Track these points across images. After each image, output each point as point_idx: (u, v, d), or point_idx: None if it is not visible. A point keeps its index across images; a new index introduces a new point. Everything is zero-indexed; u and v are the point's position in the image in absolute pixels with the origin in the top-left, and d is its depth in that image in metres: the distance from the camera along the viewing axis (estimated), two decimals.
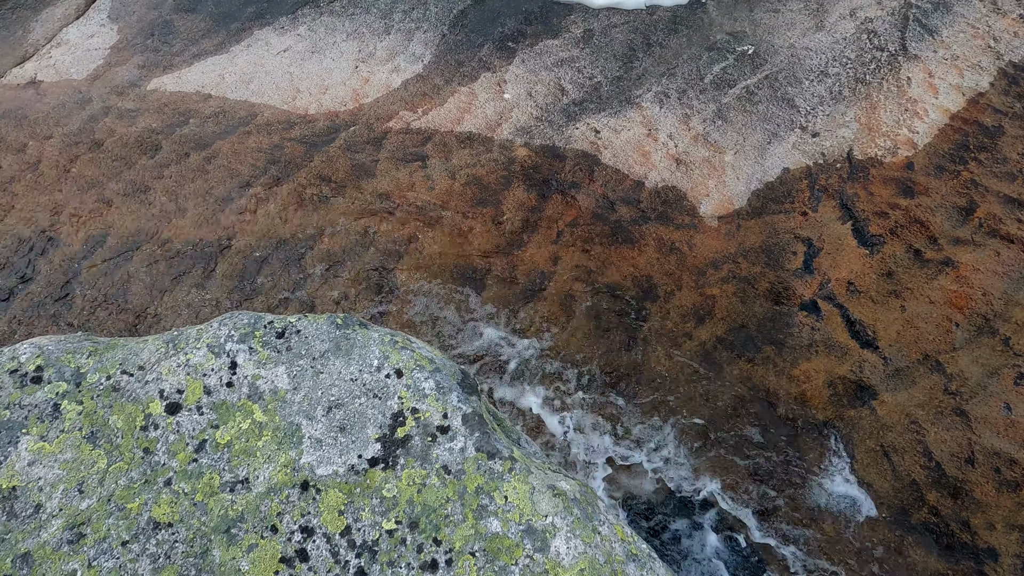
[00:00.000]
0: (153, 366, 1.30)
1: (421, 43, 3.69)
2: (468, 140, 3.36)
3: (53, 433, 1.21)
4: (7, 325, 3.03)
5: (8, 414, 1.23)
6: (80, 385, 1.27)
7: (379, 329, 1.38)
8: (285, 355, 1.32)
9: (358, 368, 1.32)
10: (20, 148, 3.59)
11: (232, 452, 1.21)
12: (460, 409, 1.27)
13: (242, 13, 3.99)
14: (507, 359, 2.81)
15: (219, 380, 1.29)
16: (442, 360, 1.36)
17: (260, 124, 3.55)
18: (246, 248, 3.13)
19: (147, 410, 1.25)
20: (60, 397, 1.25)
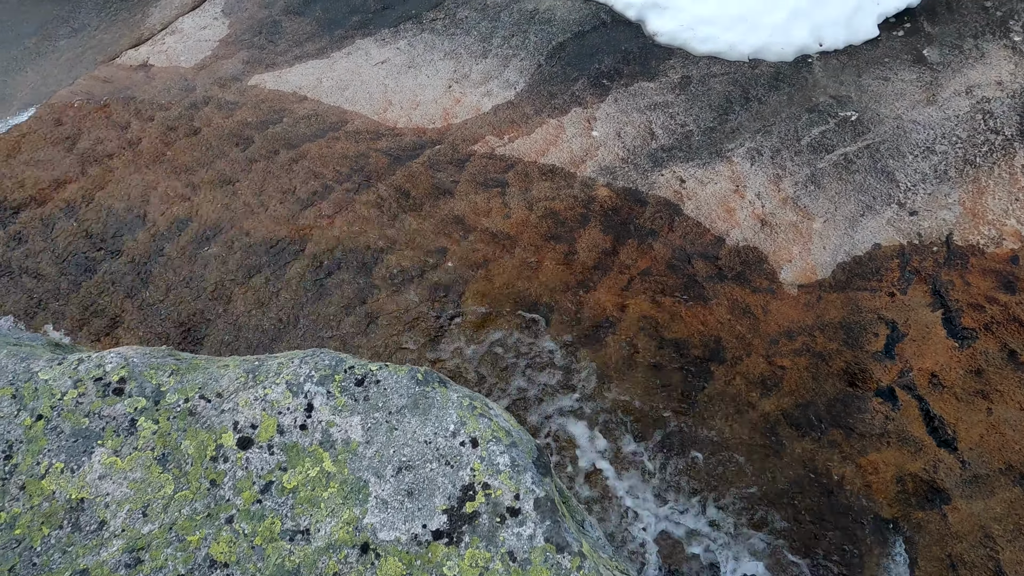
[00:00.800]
0: (231, 395, 1.32)
1: (516, 70, 3.74)
2: (550, 173, 3.37)
3: (126, 449, 1.25)
4: (89, 294, 3.19)
5: (87, 423, 1.27)
6: (159, 404, 1.30)
7: (458, 389, 1.38)
8: (362, 405, 1.33)
9: (433, 430, 1.32)
10: (124, 126, 3.81)
11: (297, 499, 1.22)
12: (533, 492, 1.25)
13: (347, 21, 4.14)
14: (562, 399, 2.78)
15: (293, 421, 1.31)
16: (519, 433, 1.35)
17: (349, 131, 3.65)
18: (320, 252, 3.22)
19: (219, 440, 1.28)
20: (138, 413, 1.28)
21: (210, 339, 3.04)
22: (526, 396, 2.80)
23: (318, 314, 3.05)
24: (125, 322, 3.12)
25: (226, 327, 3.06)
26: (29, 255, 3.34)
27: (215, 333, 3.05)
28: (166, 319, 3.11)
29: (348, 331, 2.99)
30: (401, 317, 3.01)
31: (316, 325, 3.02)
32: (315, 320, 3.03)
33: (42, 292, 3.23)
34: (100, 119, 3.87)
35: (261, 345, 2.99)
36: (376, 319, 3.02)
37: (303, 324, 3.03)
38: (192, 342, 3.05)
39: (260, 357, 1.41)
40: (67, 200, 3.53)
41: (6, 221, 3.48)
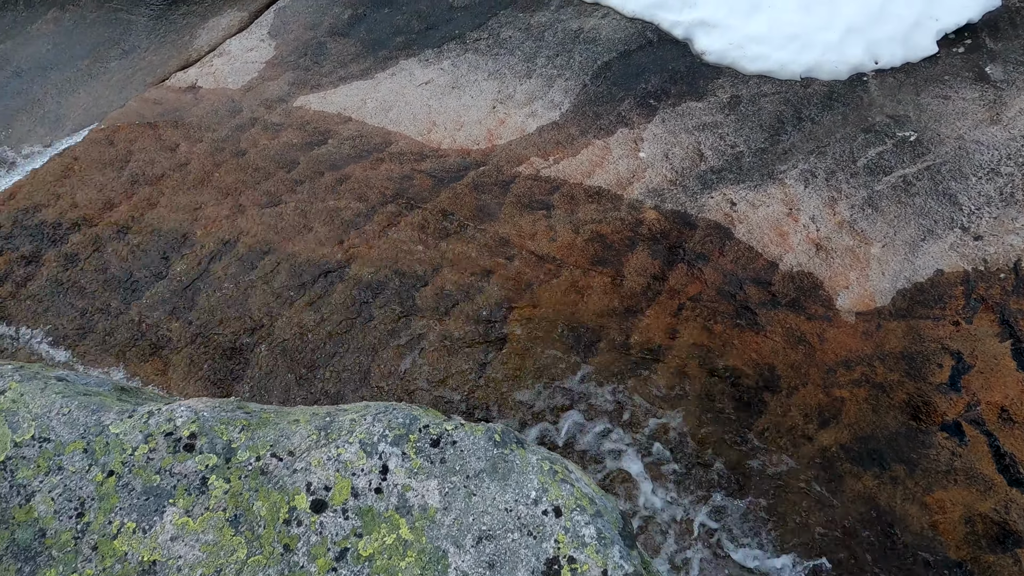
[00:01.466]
0: (303, 454, 1.31)
1: (561, 91, 3.74)
2: (597, 195, 3.35)
3: (198, 509, 1.23)
4: (137, 314, 3.26)
5: (158, 480, 1.26)
6: (229, 461, 1.29)
7: (537, 451, 1.36)
8: (438, 468, 1.31)
9: (514, 497, 1.29)
10: (173, 148, 3.90)
11: (373, 568, 1.19)
12: (622, 567, 1.21)
13: (391, 42, 4.19)
14: (608, 427, 2.74)
15: (368, 483, 1.29)
16: (603, 501, 1.32)
17: (393, 152, 3.69)
18: (364, 274, 3.24)
19: (292, 502, 1.26)
20: (209, 471, 1.27)
21: (255, 362, 3.07)
22: (573, 425, 2.76)
23: (363, 338, 3.07)
24: (172, 343, 3.17)
25: (271, 350, 3.09)
26: (80, 275, 3.43)
27: (260, 356, 3.08)
28: (211, 341, 3.15)
29: (392, 356, 3.00)
30: (446, 342, 3.01)
31: (361, 349, 3.03)
32: (360, 344, 3.05)
33: (92, 312, 3.31)
34: (150, 141, 3.97)
35: (306, 369, 3.01)
36: (421, 343, 3.02)
37: (348, 347, 3.05)
38: (237, 365, 3.08)
39: (331, 411, 1.40)
40: (117, 221, 3.63)
41: (59, 241, 3.58)
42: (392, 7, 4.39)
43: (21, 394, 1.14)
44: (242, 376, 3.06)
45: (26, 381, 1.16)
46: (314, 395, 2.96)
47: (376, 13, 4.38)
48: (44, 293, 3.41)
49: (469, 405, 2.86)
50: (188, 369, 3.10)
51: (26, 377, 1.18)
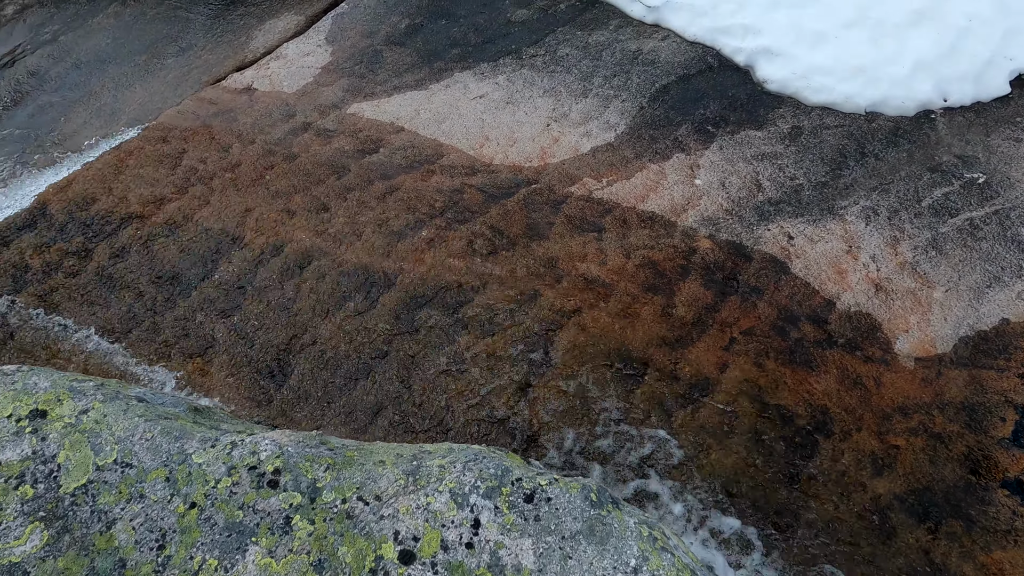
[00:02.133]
0: (390, 500, 1.27)
1: (617, 112, 3.72)
2: (649, 220, 3.32)
3: (281, 550, 1.19)
4: (183, 313, 3.30)
5: (241, 515, 1.22)
6: (314, 501, 1.24)
7: (634, 513, 1.32)
8: (532, 526, 1.27)
9: (612, 563, 1.24)
10: (226, 148, 3.96)
11: None
12: None
13: (447, 53, 4.22)
14: (654, 462, 2.70)
15: (459, 537, 1.25)
16: (703, 573, 1.27)
17: (444, 165, 3.70)
18: (410, 285, 3.24)
19: (379, 551, 1.22)
20: (293, 510, 1.23)
21: (298, 368, 3.08)
22: (615, 456, 2.72)
23: (406, 350, 3.06)
24: (217, 345, 3.20)
25: (315, 357, 3.10)
26: (129, 271, 3.48)
27: (304, 363, 3.09)
28: (256, 345, 3.18)
29: (434, 371, 2.99)
30: (490, 360, 2.99)
31: (403, 362, 3.03)
32: (402, 357, 3.04)
33: (139, 309, 3.35)
34: (204, 140, 4.03)
35: (347, 378, 3.01)
36: (465, 361, 3.01)
37: (391, 360, 3.05)
38: (279, 370, 3.10)
39: (416, 453, 1.37)
40: (168, 218, 3.68)
41: (110, 235, 3.65)
42: (450, 19, 4.43)
43: (104, 415, 1.14)
44: (283, 382, 3.08)
45: (109, 401, 1.16)
46: (354, 404, 2.96)
47: (433, 24, 4.41)
48: (93, 286, 3.47)
49: (509, 428, 2.83)
50: (230, 371, 3.12)
51: (108, 397, 1.18)
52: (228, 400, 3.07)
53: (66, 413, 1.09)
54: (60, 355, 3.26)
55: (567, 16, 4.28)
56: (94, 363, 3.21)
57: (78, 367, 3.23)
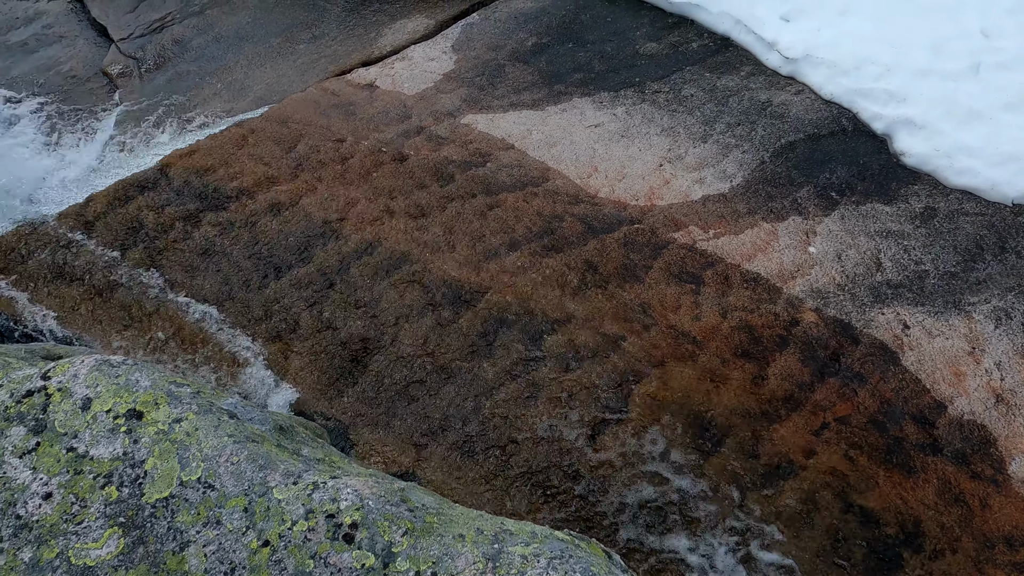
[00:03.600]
0: None
1: (735, 162, 3.59)
2: (753, 282, 3.17)
3: None
4: (273, 295, 3.40)
5: (311, 566, 1.16)
6: (387, 567, 1.18)
7: None
8: None
9: None
10: (340, 140, 4.08)
11: None
12: None
13: (568, 77, 4.20)
14: (720, 543, 2.55)
15: None
16: None
17: (548, 189, 3.67)
18: (496, 306, 3.22)
19: None
20: (365, 572, 1.17)
21: (372, 369, 3.12)
22: (675, 528, 2.60)
23: (479, 371, 3.04)
24: (300, 330, 3.28)
25: (389, 361, 3.13)
26: (232, 244, 3.63)
27: (378, 364, 3.12)
28: (336, 338, 3.24)
29: (505, 397, 2.95)
30: (563, 398, 2.93)
31: (475, 382, 3.01)
32: (475, 376, 3.03)
33: (235, 282, 3.49)
34: (320, 129, 4.17)
35: (419, 388, 3.02)
36: (537, 393, 2.96)
37: (463, 378, 3.04)
38: (355, 367, 3.14)
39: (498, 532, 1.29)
40: (274, 199, 3.82)
41: (220, 207, 3.82)
42: (577, 43, 4.41)
43: (196, 428, 1.15)
44: (357, 380, 3.12)
45: (202, 414, 1.17)
46: (421, 415, 2.96)
47: (560, 46, 4.41)
48: (196, 253, 3.64)
49: (572, 472, 2.76)
50: (309, 359, 3.20)
51: (202, 409, 1.18)
52: (301, 387, 3.14)
53: (161, 419, 1.11)
54: (156, 315, 3.43)
55: (698, 56, 4.18)
56: (186, 329, 3.36)
57: (168, 329, 3.39)
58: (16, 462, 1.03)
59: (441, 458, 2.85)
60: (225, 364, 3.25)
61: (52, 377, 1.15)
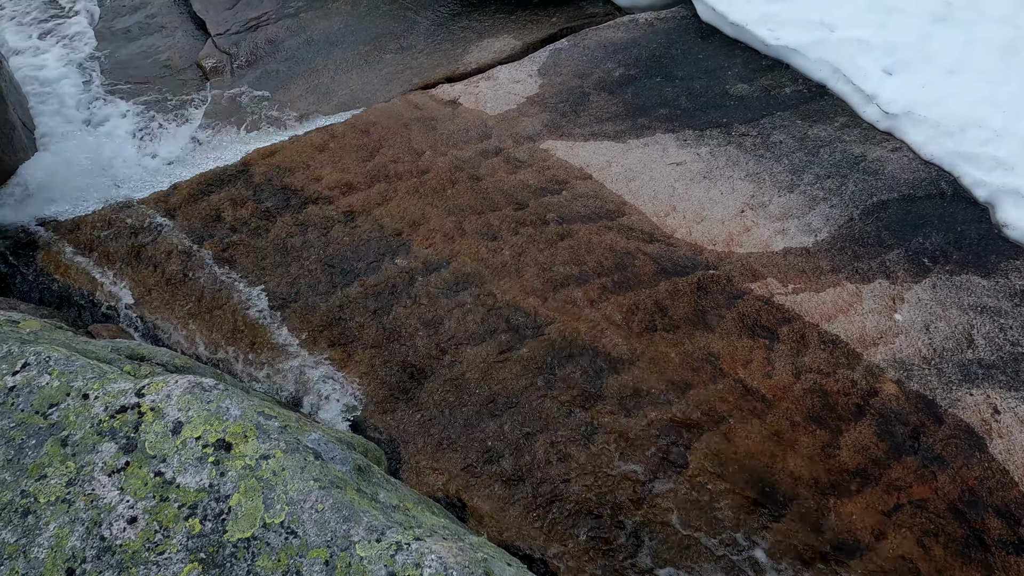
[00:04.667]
0: None
1: (822, 216, 3.47)
2: (831, 344, 3.04)
3: None
4: (338, 300, 3.44)
5: None
6: None
7: None
8: None
9: None
10: (419, 153, 4.12)
11: None
12: None
13: (653, 112, 4.15)
14: None
15: None
16: None
17: (623, 224, 3.62)
18: (559, 338, 3.18)
19: None
20: None
21: (429, 387, 3.11)
22: None
23: (537, 403, 3.00)
24: (361, 340, 3.30)
25: (446, 383, 3.11)
26: (304, 247, 3.69)
27: (434, 385, 3.11)
28: (396, 353, 3.24)
29: (562, 434, 2.90)
30: (620, 441, 2.85)
31: (532, 414, 2.96)
32: (532, 409, 2.98)
33: (302, 284, 3.54)
34: (401, 140, 4.23)
35: (474, 414, 2.99)
36: (594, 433, 2.89)
37: (520, 408, 2.99)
38: (412, 384, 3.14)
39: None
40: (349, 206, 3.88)
41: (297, 208, 3.89)
42: (665, 77, 4.36)
43: (283, 467, 1.13)
44: (413, 397, 3.11)
45: (289, 453, 1.15)
46: (473, 442, 2.93)
47: (647, 79, 4.37)
48: (268, 252, 3.71)
49: (622, 520, 2.68)
50: (367, 369, 3.21)
51: (289, 447, 1.16)
52: (357, 397, 3.15)
53: (248, 453, 1.10)
54: (224, 308, 3.50)
55: (790, 102, 4.08)
56: (250, 325, 3.42)
57: (234, 324, 3.45)
58: (105, 480, 1.04)
59: (490, 488, 2.81)
60: (284, 365, 3.29)
61: (146, 395, 1.16)
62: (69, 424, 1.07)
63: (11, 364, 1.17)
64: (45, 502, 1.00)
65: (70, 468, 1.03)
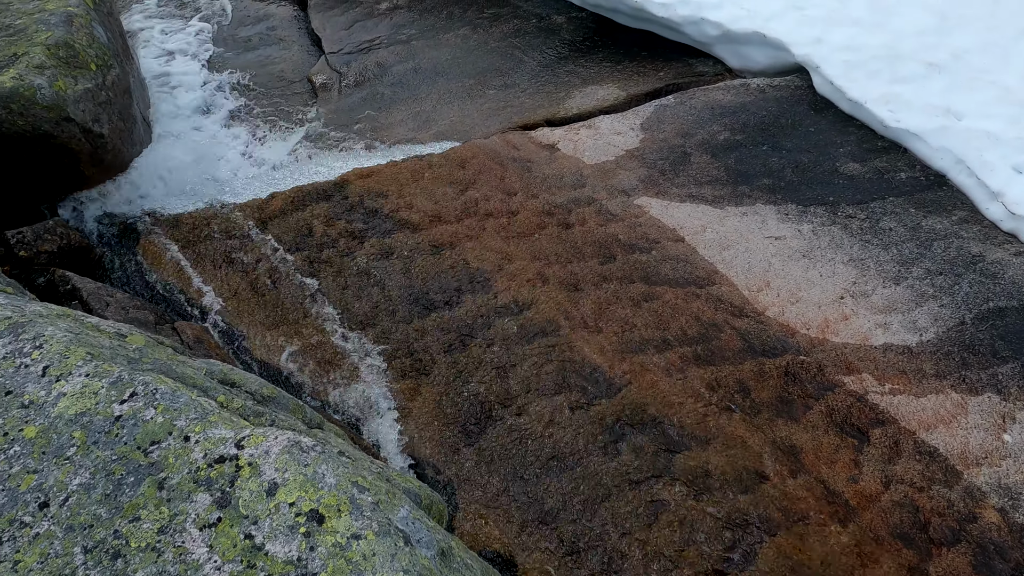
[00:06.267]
0: None
1: (929, 315, 3.27)
2: (928, 456, 2.83)
3: None
4: (414, 332, 3.44)
5: None
6: None
7: None
8: None
9: None
10: (511, 193, 4.13)
11: None
12: None
13: (756, 180, 4.04)
14: None
15: None
16: None
17: (711, 294, 3.50)
18: (631, 403, 3.07)
19: None
20: None
21: (492, 434, 3.05)
22: None
23: (601, 470, 2.89)
24: (430, 375, 3.29)
25: (510, 432, 3.05)
26: (388, 272, 3.73)
27: (497, 432, 3.05)
28: (463, 393, 3.21)
29: (624, 509, 2.78)
30: (685, 528, 2.71)
31: (595, 481, 2.86)
32: (595, 474, 2.88)
33: (382, 309, 3.57)
34: (494, 178, 4.25)
35: (535, 470, 2.91)
36: (657, 513, 2.76)
37: (583, 472, 2.90)
38: (475, 427, 3.09)
39: None
40: (437, 237, 3.91)
41: (385, 233, 3.95)
42: (772, 146, 4.25)
43: (373, 552, 1.09)
44: (475, 441, 3.06)
45: (381, 536, 1.10)
46: (530, 500, 2.84)
47: (753, 147, 4.26)
48: (353, 272, 3.77)
49: None
50: (433, 406, 3.18)
51: (381, 528, 1.12)
52: (420, 433, 3.12)
53: (340, 529, 1.07)
54: (303, 322, 3.56)
55: (905, 188, 3.89)
56: (327, 344, 3.47)
57: (310, 339, 3.50)
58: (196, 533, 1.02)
59: (544, 551, 2.71)
60: (354, 389, 3.31)
61: (245, 448, 1.15)
62: (168, 466, 1.07)
63: (120, 391, 1.19)
64: (136, 547, 0.99)
65: (164, 514, 1.02)
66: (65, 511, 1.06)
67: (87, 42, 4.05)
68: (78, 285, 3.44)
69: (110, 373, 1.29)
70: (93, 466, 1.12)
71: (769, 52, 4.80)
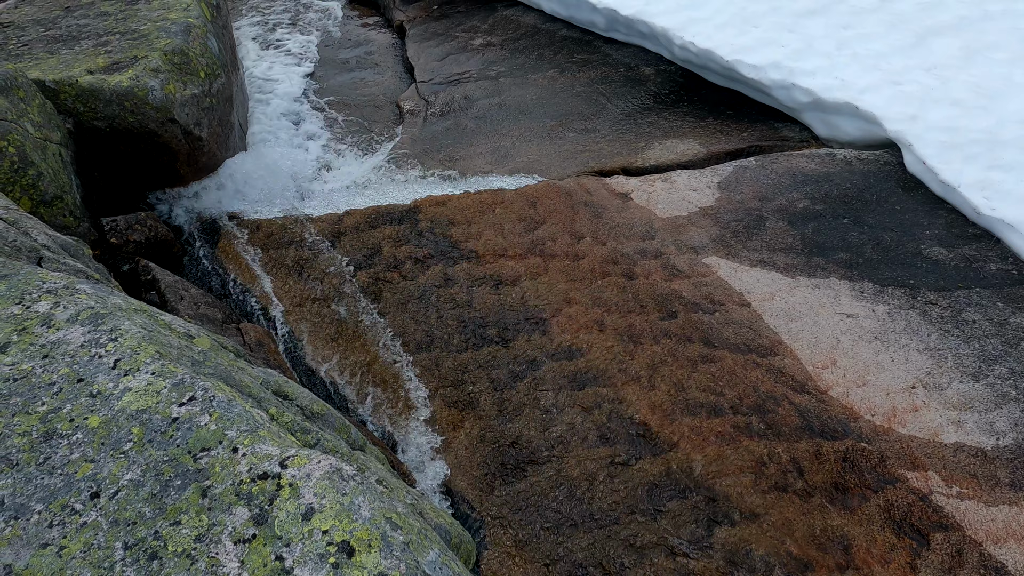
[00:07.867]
0: None
1: (1009, 419, 3.06)
2: (994, 572, 2.62)
3: None
4: (462, 365, 3.45)
5: None
6: None
7: None
8: None
9: None
10: (578, 237, 4.12)
11: None
12: None
13: (832, 253, 3.91)
14: None
15: None
16: None
17: (773, 366, 3.38)
18: (678, 466, 2.98)
19: None
20: None
21: (529, 478, 3.00)
22: None
23: (637, 532, 2.80)
24: (476, 409, 3.27)
25: (549, 479, 3.00)
26: (447, 300, 3.77)
27: (536, 478, 3.00)
28: (506, 432, 3.18)
29: (656, 571, 2.67)
30: None
31: (630, 543, 2.76)
32: (631, 536, 2.78)
33: (436, 337, 3.59)
34: (564, 220, 4.26)
35: (571, 523, 2.84)
36: None
37: (619, 532, 2.81)
38: (513, 472, 3.05)
39: None
40: (498, 272, 3.93)
41: (450, 261, 4.00)
42: (853, 220, 4.12)
43: None
44: (512, 483, 3.02)
45: None
46: (562, 550, 2.77)
47: (833, 219, 4.14)
48: (414, 296, 3.82)
49: None
50: (474, 441, 3.17)
51: (409, 571, 1.08)
52: (458, 466, 3.11)
53: (368, 566, 1.06)
54: (359, 339, 3.63)
55: (994, 280, 3.69)
56: (378, 363, 3.51)
57: (366, 357, 3.55)
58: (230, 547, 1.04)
59: None
60: (399, 412, 3.32)
61: (288, 467, 1.16)
62: (213, 475, 1.10)
63: (180, 393, 1.23)
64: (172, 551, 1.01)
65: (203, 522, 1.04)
66: (113, 504, 1.09)
67: (200, 51, 4.31)
68: (158, 276, 3.60)
69: (174, 374, 1.33)
70: (145, 464, 1.15)
71: (860, 124, 4.68)
